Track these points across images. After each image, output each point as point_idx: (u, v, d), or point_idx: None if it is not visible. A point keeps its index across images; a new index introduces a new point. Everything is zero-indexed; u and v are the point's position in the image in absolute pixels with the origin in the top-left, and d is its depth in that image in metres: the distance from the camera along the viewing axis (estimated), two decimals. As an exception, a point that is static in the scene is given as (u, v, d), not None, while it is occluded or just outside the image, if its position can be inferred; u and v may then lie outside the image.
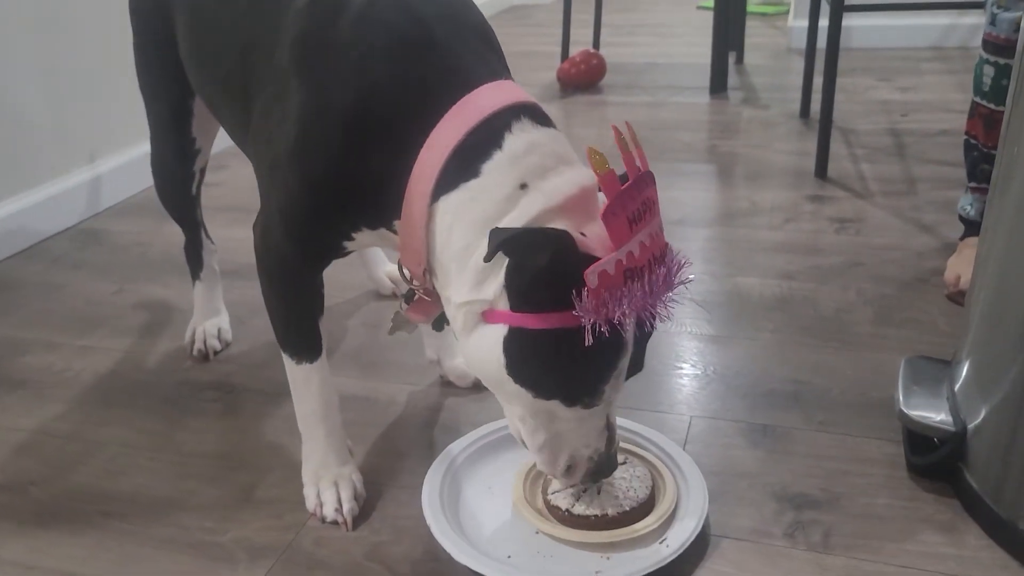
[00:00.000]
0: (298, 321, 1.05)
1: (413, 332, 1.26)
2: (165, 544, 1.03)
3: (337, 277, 1.65)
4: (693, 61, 3.28)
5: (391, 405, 1.28)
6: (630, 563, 0.93)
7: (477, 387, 1.30)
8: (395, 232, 0.94)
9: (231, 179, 2.29)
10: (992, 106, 1.45)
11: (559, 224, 0.80)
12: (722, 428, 1.18)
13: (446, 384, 1.32)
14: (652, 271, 0.81)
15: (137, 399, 1.33)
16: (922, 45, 3.38)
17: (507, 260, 0.82)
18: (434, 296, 0.96)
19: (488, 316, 0.85)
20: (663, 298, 0.81)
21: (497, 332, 0.84)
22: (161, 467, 1.17)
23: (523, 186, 0.83)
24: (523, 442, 0.94)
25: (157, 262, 1.82)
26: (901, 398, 1.10)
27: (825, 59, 2.02)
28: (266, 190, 0.99)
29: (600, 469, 0.94)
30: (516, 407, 0.90)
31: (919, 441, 1.09)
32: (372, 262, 1.62)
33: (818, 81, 2.16)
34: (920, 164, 2.13)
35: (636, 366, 0.89)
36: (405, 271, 0.97)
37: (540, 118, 0.88)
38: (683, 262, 0.84)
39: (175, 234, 1.48)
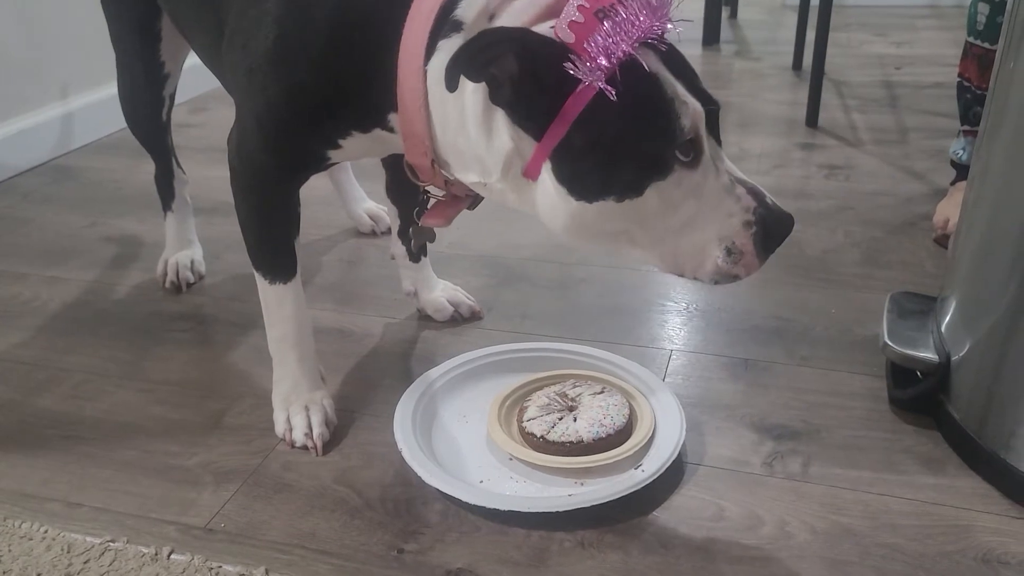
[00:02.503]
0: (273, 239, 1.01)
1: (433, 239, 1.22)
2: (128, 467, 1.01)
3: (315, 215, 1.62)
4: (685, 14, 3.22)
5: (366, 337, 1.25)
6: (604, 487, 0.91)
7: (454, 320, 1.27)
8: (392, 131, 0.88)
9: (211, 120, 2.24)
10: (986, 46, 1.41)
11: None
12: (702, 361, 1.16)
13: (423, 318, 1.29)
14: (625, 5, 0.72)
15: (105, 328, 1.30)
16: (918, 3, 3.33)
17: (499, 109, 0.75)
18: (450, 195, 0.90)
19: (528, 172, 0.78)
20: (657, 16, 0.73)
21: (545, 175, 0.76)
22: (128, 394, 1.14)
23: (492, 18, 0.78)
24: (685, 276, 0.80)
25: (132, 198, 1.77)
26: (886, 332, 1.08)
27: (819, 9, 1.98)
28: (242, 99, 0.94)
29: (776, 225, 0.77)
30: (623, 238, 0.78)
31: (902, 375, 1.07)
32: (351, 199, 1.59)
33: (811, 35, 2.12)
34: (912, 115, 2.10)
35: (706, 97, 0.77)
36: (411, 169, 0.90)
37: None
38: None
39: (152, 171, 1.43)
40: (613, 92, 0.71)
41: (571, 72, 0.71)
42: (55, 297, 1.39)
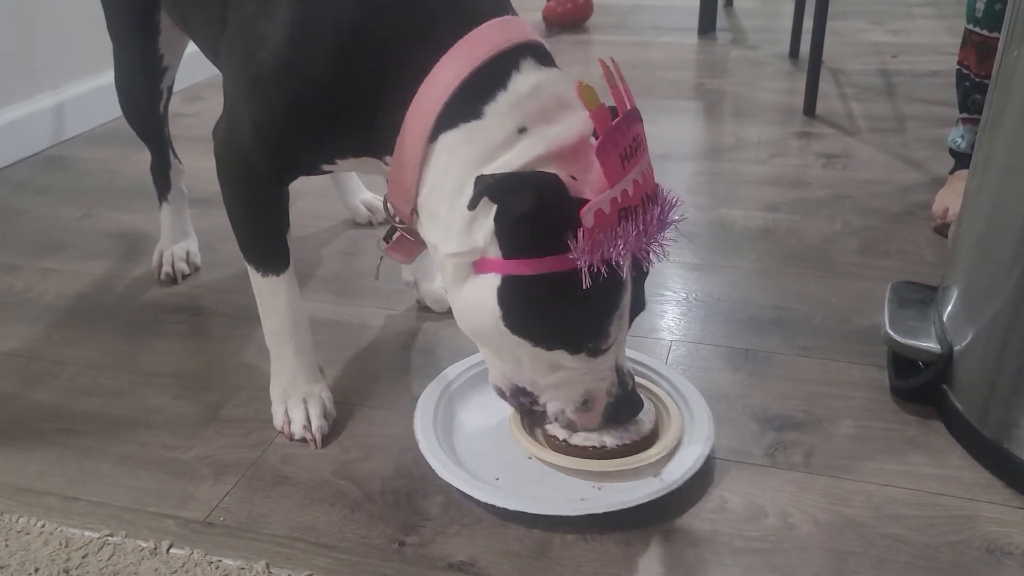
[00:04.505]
0: (264, 233, 1.00)
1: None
2: (125, 460, 1.00)
3: (312, 207, 1.61)
4: (681, 3, 3.21)
5: (365, 328, 1.24)
6: (619, 494, 0.89)
7: (453, 311, 1.27)
8: (385, 163, 0.89)
9: (206, 110, 2.22)
10: (985, 32, 1.40)
11: (551, 169, 0.78)
12: (702, 352, 1.16)
13: (422, 309, 1.28)
14: (646, 209, 0.79)
15: (101, 320, 1.29)
16: (914, -9, 3.32)
17: (496, 206, 0.79)
18: (417, 236, 0.92)
19: (479, 266, 0.82)
20: (658, 236, 0.80)
21: (490, 282, 0.81)
22: (124, 387, 1.13)
23: (522, 130, 0.80)
24: (511, 394, 0.91)
25: (126, 189, 1.76)
26: (887, 321, 1.08)
27: (816, -4, 1.97)
28: (241, 100, 0.91)
29: (622, 405, 0.91)
30: (509, 359, 0.87)
31: (904, 365, 1.07)
32: (347, 190, 1.57)
33: (808, 23, 2.12)
34: (910, 103, 2.10)
35: (638, 306, 0.87)
36: (390, 207, 0.92)
37: (545, 58, 0.85)
38: (675, 201, 0.83)
39: (146, 162, 1.42)
40: (588, 280, 0.76)
41: (569, 243, 0.76)
42: (49, 289, 1.38)
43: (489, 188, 0.75)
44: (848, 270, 1.35)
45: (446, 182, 0.82)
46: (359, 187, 1.58)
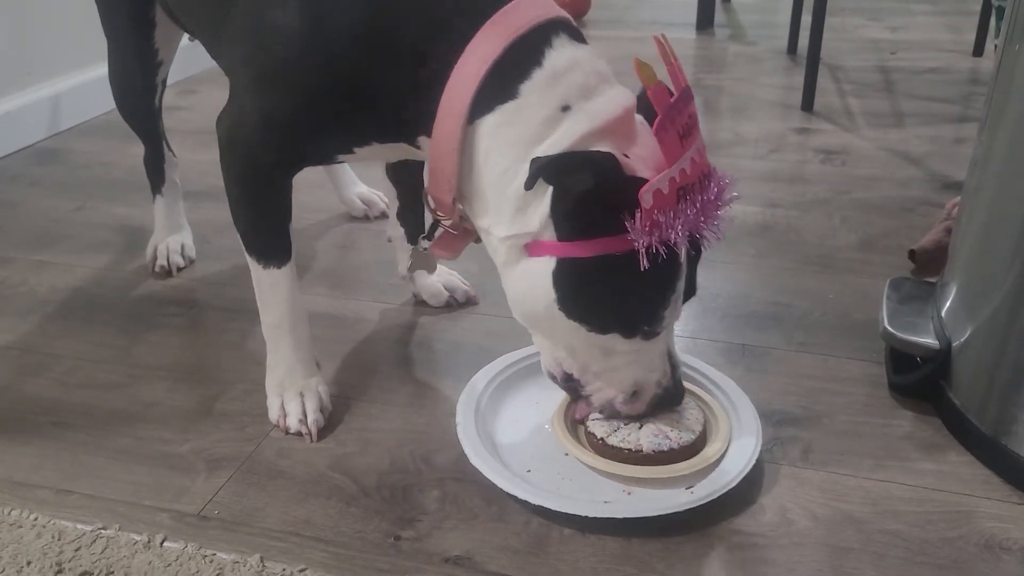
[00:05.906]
0: (267, 225, 0.99)
1: (433, 271, 1.22)
2: (120, 454, 0.99)
3: (307, 200, 1.61)
4: (680, -1, 3.21)
5: (361, 322, 1.24)
6: (647, 502, 0.88)
7: (449, 305, 1.26)
8: (418, 148, 0.88)
9: (200, 103, 2.21)
10: None
11: (602, 147, 0.77)
12: (700, 347, 1.15)
13: (419, 303, 1.27)
14: (703, 188, 0.78)
15: (95, 313, 1.28)
16: (912, -12, 3.32)
17: (550, 188, 0.77)
18: (461, 228, 0.90)
19: (532, 249, 0.81)
20: (715, 216, 0.79)
21: (544, 265, 0.80)
22: (118, 380, 1.12)
23: (565, 108, 0.79)
24: (561, 380, 0.89)
25: (121, 181, 1.75)
26: (885, 317, 1.08)
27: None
28: (249, 92, 0.90)
29: (669, 396, 0.90)
30: (562, 344, 0.86)
31: (902, 361, 1.06)
32: (343, 184, 1.57)
33: (807, 19, 2.11)
34: (908, 100, 2.09)
35: (691, 289, 0.86)
36: (431, 200, 0.89)
37: (577, 35, 0.84)
38: (728, 179, 0.81)
39: (141, 154, 1.41)
40: (646, 262, 0.75)
41: (627, 224, 0.75)
42: (43, 282, 1.37)
43: (545, 169, 0.74)
44: (846, 266, 1.35)
45: (491, 166, 0.81)
46: (354, 180, 1.57)
